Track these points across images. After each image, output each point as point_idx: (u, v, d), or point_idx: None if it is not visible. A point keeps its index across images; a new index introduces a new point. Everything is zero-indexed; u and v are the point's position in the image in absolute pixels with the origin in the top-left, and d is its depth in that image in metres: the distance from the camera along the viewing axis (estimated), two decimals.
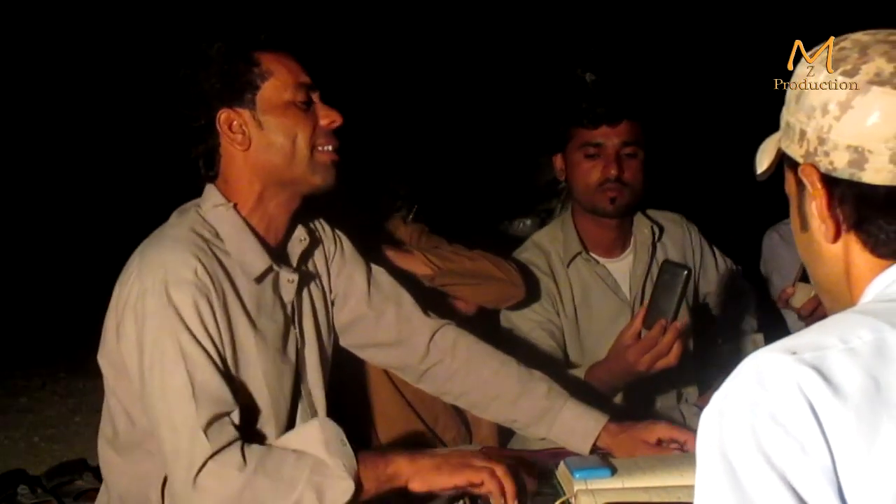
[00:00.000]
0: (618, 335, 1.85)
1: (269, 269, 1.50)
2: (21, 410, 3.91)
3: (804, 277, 1.87)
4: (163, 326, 1.37)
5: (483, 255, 2.01)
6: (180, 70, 1.50)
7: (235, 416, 1.36)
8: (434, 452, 1.45)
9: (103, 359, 1.48)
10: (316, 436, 1.35)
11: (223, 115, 1.47)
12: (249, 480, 1.30)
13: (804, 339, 0.80)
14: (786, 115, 0.92)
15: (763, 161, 0.97)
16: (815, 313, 1.95)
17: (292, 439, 1.39)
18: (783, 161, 0.94)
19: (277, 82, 1.48)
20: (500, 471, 1.38)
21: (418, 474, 1.38)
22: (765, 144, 0.98)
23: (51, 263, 5.33)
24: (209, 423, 1.32)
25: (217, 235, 1.47)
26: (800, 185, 0.90)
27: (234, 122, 1.47)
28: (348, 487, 1.31)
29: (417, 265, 1.89)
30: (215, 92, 1.47)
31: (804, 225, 0.92)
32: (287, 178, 1.50)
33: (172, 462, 1.34)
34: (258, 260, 1.48)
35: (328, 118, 1.51)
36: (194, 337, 1.37)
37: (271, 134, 1.48)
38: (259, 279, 1.48)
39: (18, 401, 4.02)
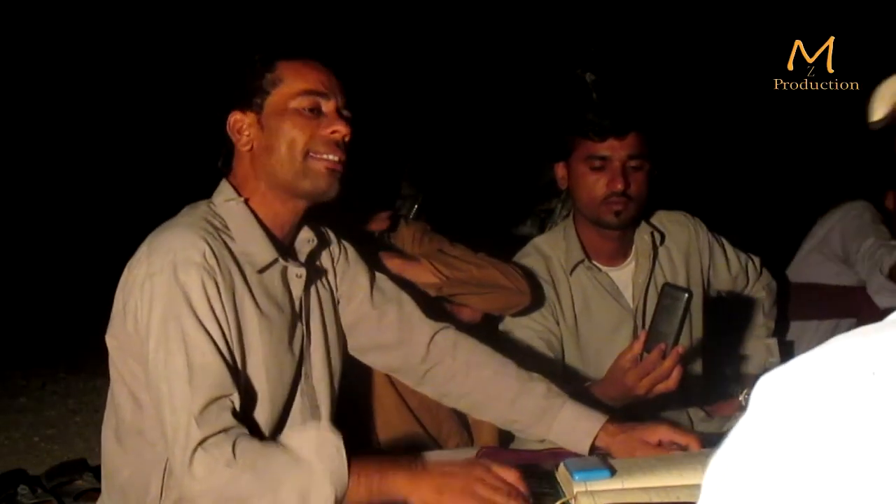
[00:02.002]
0: (616, 357, 1.82)
1: (275, 261, 1.53)
2: (21, 410, 3.90)
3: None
4: (169, 308, 1.39)
5: (489, 261, 2.00)
6: (202, 72, 1.56)
7: (235, 399, 1.38)
8: (435, 468, 1.40)
9: (111, 338, 1.51)
10: (311, 440, 1.36)
11: (233, 116, 1.55)
12: (236, 476, 1.31)
13: None
14: None
15: (878, 109, 0.84)
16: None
17: (290, 439, 1.39)
18: None
19: (286, 89, 1.53)
20: (502, 501, 1.34)
21: (417, 494, 1.35)
22: (883, 90, 0.85)
23: (51, 263, 5.33)
24: (204, 408, 1.34)
25: (226, 226, 1.52)
26: None
27: (241, 125, 1.54)
28: (330, 495, 1.31)
29: (425, 274, 1.89)
30: (226, 94, 1.55)
31: None
32: (282, 181, 1.54)
33: (172, 442, 1.36)
34: (264, 251, 1.52)
35: (330, 128, 1.54)
36: (198, 319, 1.40)
37: (271, 137, 1.53)
38: (263, 269, 1.51)
39: (18, 401, 4.02)
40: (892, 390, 0.64)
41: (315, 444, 1.35)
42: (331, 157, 1.53)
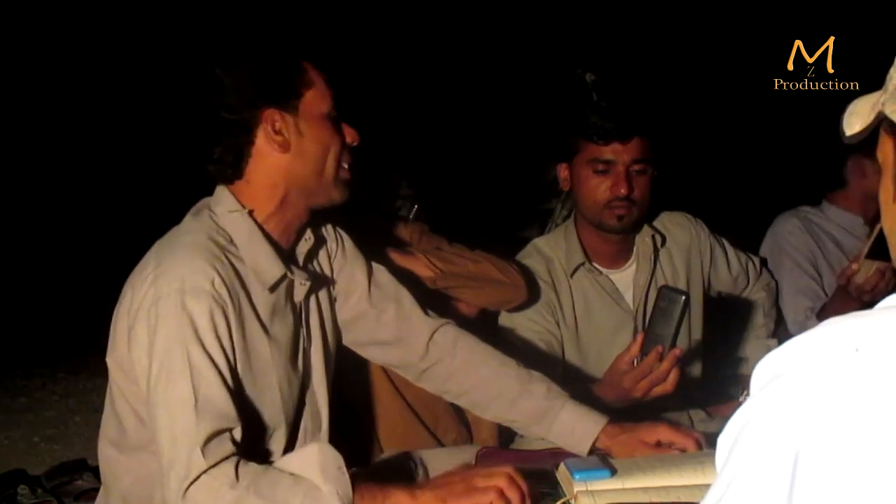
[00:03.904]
0: (614, 360, 1.82)
1: (284, 277, 1.50)
2: (21, 410, 3.90)
3: (869, 254, 1.89)
4: (174, 335, 1.36)
5: (485, 256, 2.00)
6: (225, 64, 1.49)
7: (237, 433, 1.35)
8: (434, 481, 1.40)
9: (113, 361, 1.48)
10: (313, 460, 1.33)
11: (269, 113, 1.48)
12: (240, 498, 1.28)
13: None
14: None
15: (854, 123, 0.88)
16: (875, 289, 2.00)
17: (290, 462, 1.37)
18: (881, 125, 0.87)
19: (317, 93, 1.52)
20: (504, 483, 1.34)
21: None
22: (855, 106, 0.89)
23: (52, 263, 5.33)
24: (208, 439, 1.31)
25: (231, 241, 1.47)
26: None
27: (278, 123, 1.48)
28: None
29: (419, 267, 1.89)
30: (265, 89, 1.48)
31: None
32: (312, 188, 1.52)
33: (167, 471, 1.32)
34: (273, 268, 1.48)
35: (350, 136, 1.56)
36: (205, 349, 1.36)
37: (308, 143, 1.51)
38: (273, 287, 1.49)
39: (18, 401, 4.01)
40: (872, 365, 0.69)
41: (318, 464, 1.32)
42: (347, 165, 1.55)
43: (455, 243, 2.06)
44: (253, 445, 1.38)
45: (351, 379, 1.85)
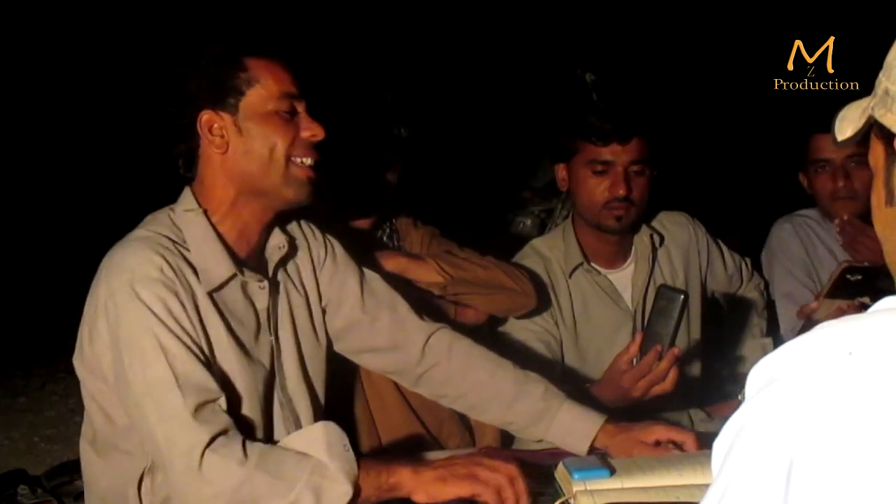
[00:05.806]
0: (613, 360, 1.82)
1: (232, 277, 1.49)
2: (21, 410, 3.91)
3: (829, 294, 1.87)
4: (137, 323, 1.38)
5: (495, 263, 1.99)
6: (170, 68, 1.51)
7: (223, 403, 1.38)
8: (437, 460, 1.44)
9: (78, 362, 1.50)
10: (319, 438, 1.35)
11: (205, 116, 1.49)
12: (249, 475, 1.30)
13: None
14: (885, 82, 0.84)
15: (846, 129, 0.90)
16: None
17: (296, 440, 1.38)
18: (871, 129, 0.88)
19: (263, 90, 1.49)
20: (504, 483, 1.36)
21: (421, 486, 1.37)
22: (847, 111, 0.91)
23: (51, 264, 5.33)
24: (197, 409, 1.34)
25: (184, 239, 1.48)
26: (889, 157, 0.86)
27: (215, 125, 1.49)
28: (346, 492, 1.31)
29: (430, 273, 1.88)
30: (201, 93, 1.49)
31: (890, 199, 0.86)
32: (260, 187, 1.50)
33: (168, 451, 1.34)
34: (220, 267, 1.48)
35: (309, 131, 1.51)
36: (169, 330, 1.38)
37: (250, 141, 1.49)
38: (217, 289, 1.47)
39: (18, 401, 4.02)
40: (865, 369, 0.69)
41: (324, 442, 1.34)
42: (308, 161, 1.51)
43: (465, 248, 2.05)
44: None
45: (353, 383, 1.85)
